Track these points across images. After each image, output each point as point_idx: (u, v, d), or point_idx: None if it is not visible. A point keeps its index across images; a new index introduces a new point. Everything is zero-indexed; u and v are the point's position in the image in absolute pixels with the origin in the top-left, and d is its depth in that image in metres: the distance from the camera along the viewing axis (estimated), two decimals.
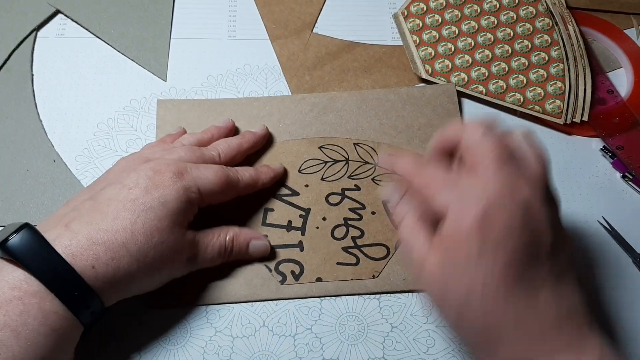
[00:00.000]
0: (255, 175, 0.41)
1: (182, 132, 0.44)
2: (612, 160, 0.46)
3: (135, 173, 0.35)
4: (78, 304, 0.31)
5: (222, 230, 0.39)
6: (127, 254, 0.32)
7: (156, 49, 0.50)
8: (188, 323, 0.38)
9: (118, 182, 0.35)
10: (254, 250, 0.40)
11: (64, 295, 0.30)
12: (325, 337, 0.38)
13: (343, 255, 0.41)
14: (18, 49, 0.49)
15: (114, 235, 0.32)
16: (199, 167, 0.38)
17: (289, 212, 0.42)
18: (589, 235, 0.43)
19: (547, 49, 0.50)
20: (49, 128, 0.45)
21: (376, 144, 0.45)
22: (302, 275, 0.40)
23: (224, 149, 0.41)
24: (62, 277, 0.30)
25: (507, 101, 0.48)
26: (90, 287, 0.31)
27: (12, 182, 0.42)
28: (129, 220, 0.33)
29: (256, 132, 0.44)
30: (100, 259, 0.32)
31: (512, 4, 0.52)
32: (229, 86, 0.48)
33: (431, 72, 0.49)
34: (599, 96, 0.49)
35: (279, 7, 0.53)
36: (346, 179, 0.44)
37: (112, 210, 0.33)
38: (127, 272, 0.33)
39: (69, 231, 0.32)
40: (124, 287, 0.33)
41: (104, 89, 0.48)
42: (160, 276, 0.35)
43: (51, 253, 0.31)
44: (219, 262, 0.39)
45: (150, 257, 0.33)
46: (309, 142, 0.45)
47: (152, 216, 0.34)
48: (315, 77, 0.49)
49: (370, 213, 0.43)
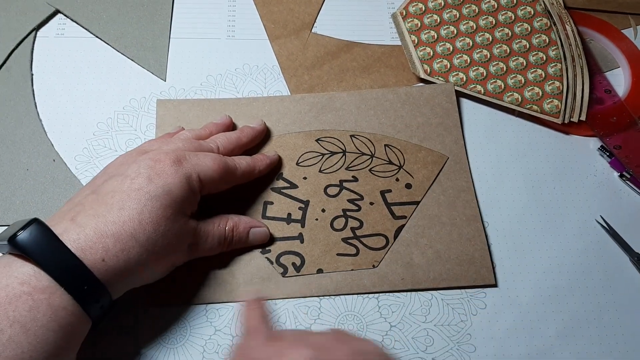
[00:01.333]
0: (252, 163, 0.41)
1: (181, 130, 0.44)
2: (610, 160, 0.47)
3: (135, 164, 0.35)
4: (88, 299, 0.31)
5: (222, 220, 0.39)
6: (137, 244, 0.32)
7: (155, 48, 0.50)
8: (188, 322, 0.38)
9: (119, 174, 0.35)
10: (253, 237, 0.40)
11: (73, 290, 0.30)
12: None
13: (343, 246, 0.41)
14: (18, 48, 0.49)
15: (122, 227, 0.32)
16: (197, 154, 0.38)
17: (289, 205, 0.43)
18: (587, 235, 0.44)
19: (545, 49, 0.50)
20: (49, 128, 0.46)
21: (372, 135, 0.46)
22: (303, 266, 0.40)
23: (223, 142, 0.41)
24: (71, 271, 0.30)
25: (505, 101, 0.48)
26: (100, 280, 0.31)
27: (11, 182, 0.43)
28: (135, 210, 0.33)
29: (255, 127, 0.44)
30: (110, 251, 0.31)
31: (510, 4, 0.52)
32: (228, 86, 0.49)
33: (430, 72, 0.49)
34: (596, 96, 0.50)
35: (278, 7, 0.53)
36: (344, 170, 0.44)
37: (117, 201, 0.33)
38: (137, 262, 0.33)
39: (75, 225, 0.32)
40: (133, 277, 0.34)
41: (104, 89, 0.48)
42: (166, 264, 0.36)
43: (60, 247, 0.30)
44: (219, 251, 0.39)
45: (159, 245, 0.33)
46: (306, 135, 0.45)
47: (158, 205, 0.33)
48: (314, 77, 0.50)
49: (368, 204, 0.43)
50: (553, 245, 0.43)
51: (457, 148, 0.46)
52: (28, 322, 0.29)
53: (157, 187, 0.34)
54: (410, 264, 0.41)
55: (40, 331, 0.29)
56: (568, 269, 0.42)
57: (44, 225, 0.31)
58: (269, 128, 0.46)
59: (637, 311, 0.41)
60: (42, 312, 0.29)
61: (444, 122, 0.47)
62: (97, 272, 0.31)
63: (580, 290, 0.41)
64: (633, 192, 0.46)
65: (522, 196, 0.45)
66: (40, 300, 0.29)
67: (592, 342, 0.39)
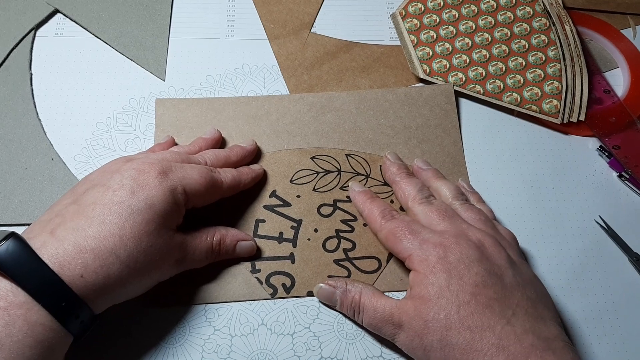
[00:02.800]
0: (238, 176, 0.41)
1: (172, 141, 0.43)
2: (609, 160, 0.47)
3: (118, 174, 0.34)
4: (66, 315, 0.30)
5: (209, 232, 0.38)
6: (117, 261, 0.31)
7: (155, 48, 0.50)
8: (187, 322, 0.38)
9: (101, 185, 0.34)
10: (240, 250, 0.40)
11: (51, 306, 0.29)
12: (323, 335, 0.39)
13: (335, 268, 0.41)
14: (17, 47, 0.49)
15: (102, 242, 0.31)
16: (183, 166, 0.37)
17: (281, 224, 0.42)
18: (586, 235, 0.44)
19: (544, 49, 0.50)
20: (48, 127, 0.45)
21: (368, 155, 0.45)
22: (293, 288, 0.40)
23: (211, 158, 0.41)
24: (49, 287, 0.29)
25: (505, 101, 0.48)
26: (79, 296, 0.30)
27: (10, 181, 0.43)
28: (116, 224, 0.32)
29: (245, 147, 0.43)
30: (89, 267, 0.31)
31: (509, 4, 0.52)
32: (227, 86, 0.49)
33: (429, 72, 0.49)
34: (595, 96, 0.50)
35: (277, 7, 0.53)
36: (338, 190, 0.44)
37: (97, 215, 0.32)
38: (118, 279, 0.32)
39: (54, 239, 0.31)
40: (114, 294, 0.33)
41: (103, 89, 0.48)
42: (150, 279, 0.35)
43: (38, 263, 0.30)
44: (206, 263, 0.39)
45: (140, 262, 0.33)
46: (301, 152, 0.45)
47: (140, 219, 0.33)
48: (314, 77, 0.50)
49: (362, 225, 0.42)
50: (552, 245, 0.43)
51: (455, 150, 0.46)
52: (3, 338, 0.28)
53: (140, 201, 0.33)
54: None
55: (16, 347, 0.28)
56: (567, 268, 0.42)
57: (21, 240, 0.30)
58: (269, 130, 0.45)
59: (635, 311, 0.41)
60: (18, 328, 0.28)
61: (443, 124, 0.47)
62: (75, 288, 0.30)
63: (579, 290, 0.41)
64: (632, 192, 0.46)
65: (521, 196, 0.45)
66: (17, 316, 0.28)
67: (590, 342, 0.39)
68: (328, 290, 0.39)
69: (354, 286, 0.38)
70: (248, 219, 0.42)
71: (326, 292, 0.39)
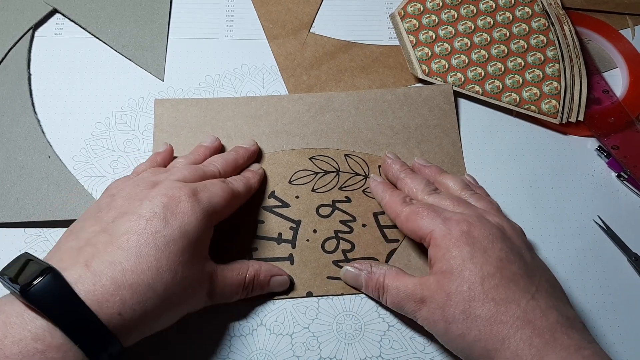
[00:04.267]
0: (247, 182, 0.40)
1: (170, 150, 0.43)
2: (608, 160, 0.47)
3: (149, 201, 0.33)
4: (99, 351, 0.29)
5: (242, 267, 0.37)
6: (154, 295, 0.30)
7: (154, 48, 0.50)
8: (186, 322, 0.38)
9: (132, 212, 0.32)
10: (274, 285, 0.39)
11: (86, 347, 0.28)
12: (322, 335, 0.39)
13: (334, 269, 0.41)
14: (15, 47, 0.49)
15: (140, 276, 0.30)
16: (205, 184, 0.36)
17: (280, 224, 0.42)
18: (585, 235, 0.44)
19: (543, 49, 0.50)
20: (47, 128, 0.45)
21: (367, 155, 0.45)
22: (292, 289, 0.40)
23: (222, 165, 0.40)
24: (86, 328, 0.28)
25: (503, 101, 0.48)
26: (114, 335, 0.29)
27: (7, 179, 0.42)
28: (153, 257, 0.31)
29: (248, 148, 0.43)
30: (126, 303, 0.29)
31: (508, 5, 0.52)
32: (226, 86, 0.49)
33: (428, 72, 0.49)
34: (594, 96, 0.50)
35: (276, 7, 0.53)
36: (337, 190, 0.44)
37: (133, 246, 0.31)
38: (154, 314, 0.31)
39: (90, 272, 0.29)
40: (147, 328, 0.32)
41: (102, 89, 0.48)
42: (181, 312, 0.34)
43: (76, 302, 0.28)
44: (237, 299, 0.37)
45: (176, 294, 0.32)
46: (300, 152, 0.45)
47: (175, 249, 0.32)
48: (313, 77, 0.50)
49: (360, 225, 0.42)
50: (551, 245, 0.43)
51: (454, 151, 0.46)
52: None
53: (174, 230, 0.32)
54: None
55: None
56: (565, 268, 0.42)
57: (58, 275, 0.29)
58: (268, 130, 0.45)
59: (634, 311, 0.41)
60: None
61: (442, 124, 0.47)
62: (112, 327, 0.29)
63: (578, 290, 0.41)
64: (631, 192, 0.46)
65: (520, 196, 0.45)
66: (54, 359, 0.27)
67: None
68: (354, 272, 0.39)
69: (379, 268, 0.38)
70: (247, 220, 0.42)
71: (352, 275, 0.39)
